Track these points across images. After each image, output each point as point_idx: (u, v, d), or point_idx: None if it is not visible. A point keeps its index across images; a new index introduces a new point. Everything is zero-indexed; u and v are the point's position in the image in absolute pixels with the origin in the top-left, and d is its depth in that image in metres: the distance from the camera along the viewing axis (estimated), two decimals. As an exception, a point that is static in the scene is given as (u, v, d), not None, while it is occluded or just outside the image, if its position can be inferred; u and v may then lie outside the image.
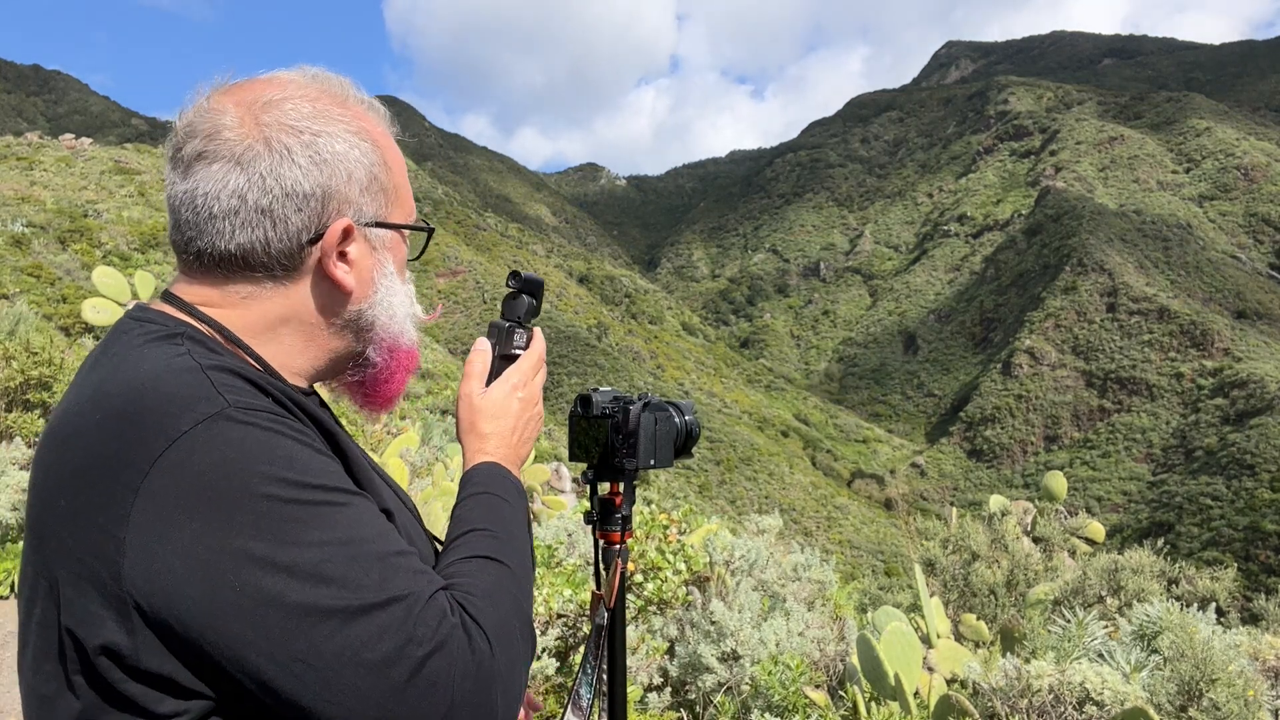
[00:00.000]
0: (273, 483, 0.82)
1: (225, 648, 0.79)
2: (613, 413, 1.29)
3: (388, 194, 1.06)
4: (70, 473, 0.85)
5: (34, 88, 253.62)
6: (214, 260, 0.98)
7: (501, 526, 1.05)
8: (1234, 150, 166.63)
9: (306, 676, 0.78)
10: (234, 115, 0.97)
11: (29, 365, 8.19)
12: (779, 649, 4.16)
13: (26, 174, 41.40)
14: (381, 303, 1.07)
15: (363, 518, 0.87)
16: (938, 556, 6.62)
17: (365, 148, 1.03)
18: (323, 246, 1.00)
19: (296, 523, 0.81)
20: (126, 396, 0.86)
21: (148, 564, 0.79)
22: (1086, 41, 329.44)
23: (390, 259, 1.08)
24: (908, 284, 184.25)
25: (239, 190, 0.96)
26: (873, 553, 68.90)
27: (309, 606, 0.78)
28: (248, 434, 0.84)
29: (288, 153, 0.97)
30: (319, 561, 0.80)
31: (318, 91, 1.04)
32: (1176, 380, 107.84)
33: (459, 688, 0.82)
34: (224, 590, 0.78)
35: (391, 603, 0.81)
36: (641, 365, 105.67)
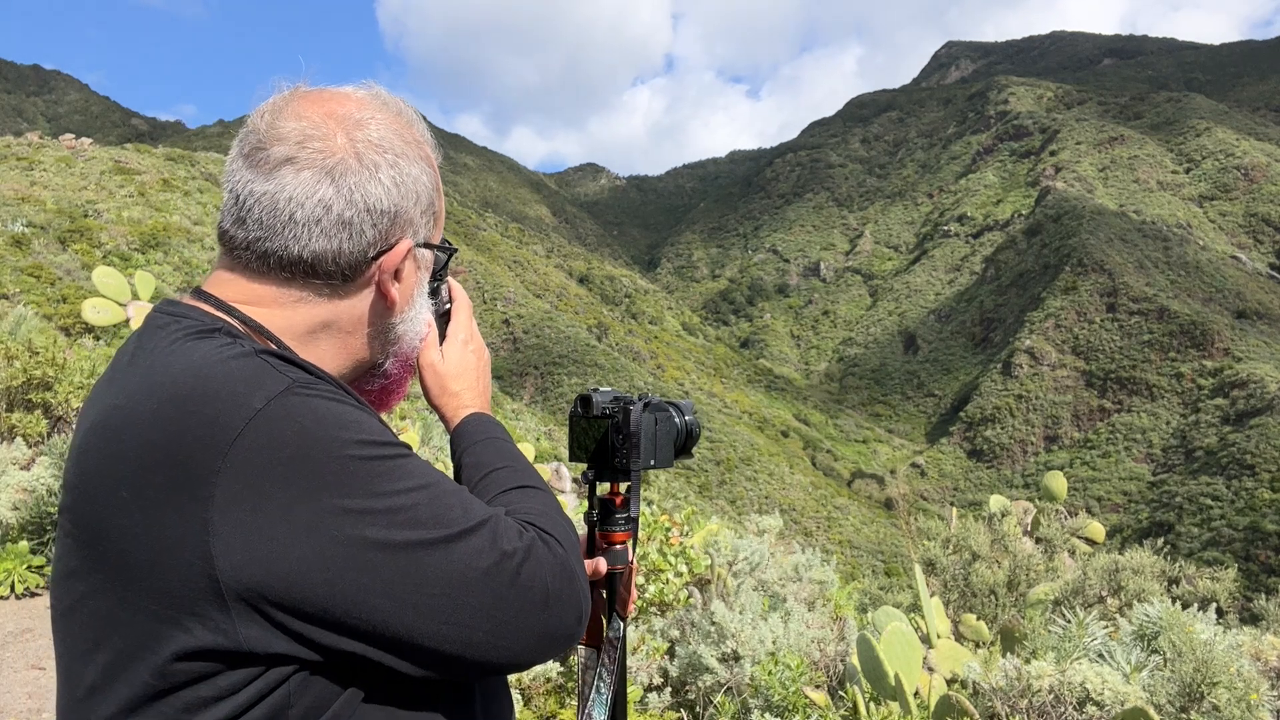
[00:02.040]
0: (351, 445, 0.87)
1: (342, 600, 0.83)
2: (613, 413, 1.30)
3: (436, 218, 1.13)
4: (131, 463, 0.85)
5: (34, 88, 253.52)
6: (280, 263, 1.01)
7: (515, 461, 1.16)
8: (1234, 150, 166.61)
9: (425, 606, 0.85)
10: (325, 127, 1.01)
11: (31, 365, 8.19)
12: (779, 649, 4.17)
13: (26, 174, 41.39)
14: (413, 318, 1.13)
15: (426, 466, 0.94)
16: (938, 556, 6.62)
17: (430, 174, 1.09)
18: (383, 263, 1.04)
19: (381, 476, 0.87)
20: (186, 383, 0.87)
21: (244, 539, 0.81)
22: (1086, 41, 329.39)
23: (424, 277, 1.14)
24: (908, 284, 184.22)
25: (325, 200, 0.99)
26: (873, 553, 68.89)
27: (413, 544, 0.85)
28: (318, 404, 0.88)
29: (375, 170, 1.01)
30: (410, 505, 0.87)
31: (392, 115, 1.08)
32: (1176, 380, 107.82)
33: (552, 585, 0.93)
34: (331, 546, 0.82)
35: (479, 526, 0.91)
36: (641, 365, 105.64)
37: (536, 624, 0.91)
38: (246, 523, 0.81)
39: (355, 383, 1.14)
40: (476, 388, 1.28)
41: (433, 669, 0.88)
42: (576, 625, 0.96)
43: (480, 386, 1.29)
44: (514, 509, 1.03)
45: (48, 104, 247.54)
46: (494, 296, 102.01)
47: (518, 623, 0.89)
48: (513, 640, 0.89)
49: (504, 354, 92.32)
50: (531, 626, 0.90)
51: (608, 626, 1.30)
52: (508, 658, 0.90)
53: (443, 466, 7.83)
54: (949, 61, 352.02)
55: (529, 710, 3.96)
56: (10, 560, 5.80)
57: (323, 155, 0.99)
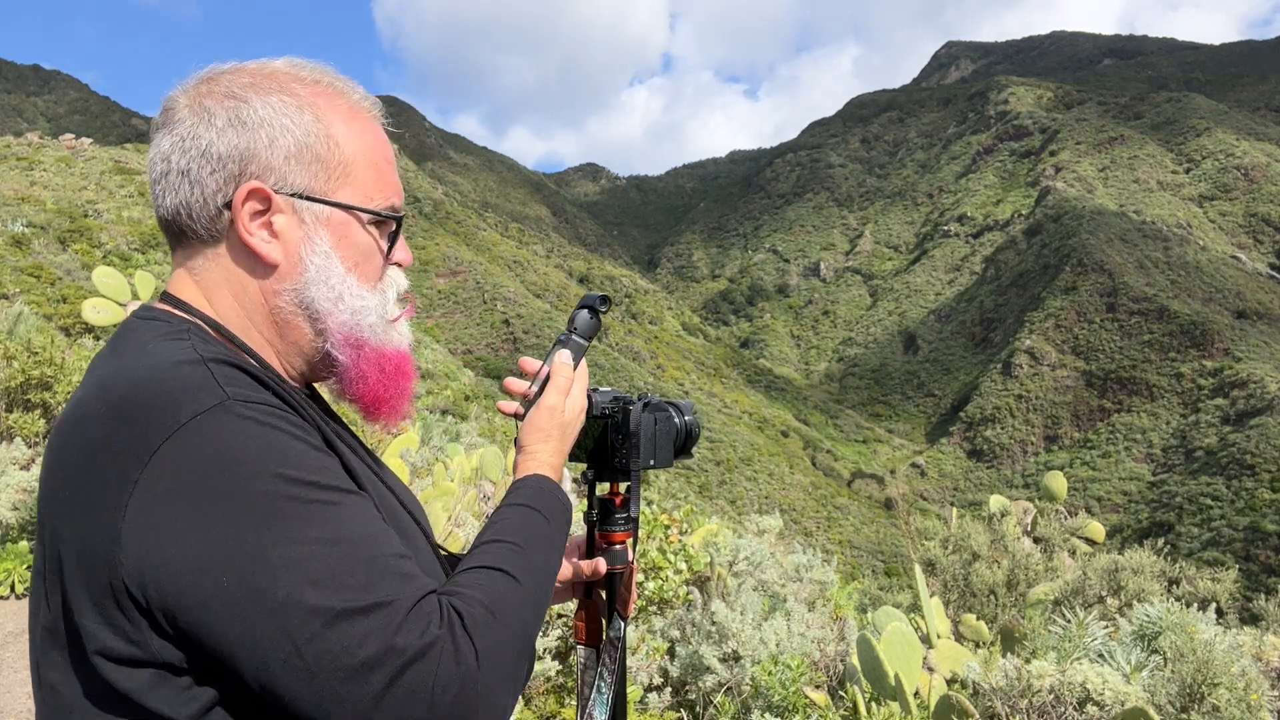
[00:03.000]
0: (267, 478, 0.81)
1: (215, 639, 0.79)
2: (612, 413, 1.29)
3: (328, 168, 1.01)
4: (73, 464, 0.85)
5: (34, 88, 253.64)
6: (163, 228, 1.01)
7: (529, 542, 1.02)
8: (1234, 150, 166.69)
9: (287, 675, 0.78)
10: (184, 90, 1.00)
11: (30, 365, 8.19)
12: (779, 649, 4.17)
13: (26, 174, 41.41)
14: (317, 284, 1.01)
15: (356, 517, 0.86)
16: (938, 556, 6.62)
17: (300, 117, 1.00)
18: (234, 208, 0.97)
19: (288, 519, 0.81)
20: (129, 388, 0.86)
21: (143, 554, 0.80)
22: (1086, 41, 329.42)
23: (327, 237, 1.02)
24: (908, 284, 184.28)
25: (165, 153, 0.98)
26: (873, 553, 68.92)
27: (294, 605, 0.78)
28: (246, 427, 0.84)
29: (208, 115, 0.97)
30: (307, 559, 0.79)
31: (267, 70, 1.03)
32: (1176, 380, 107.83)
33: (439, 700, 0.80)
34: (213, 584, 0.79)
35: (375, 608, 0.80)
36: (641, 365, 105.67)
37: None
38: (148, 540, 0.80)
39: (324, 376, 1.09)
40: (562, 450, 1.20)
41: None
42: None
43: (567, 445, 1.21)
44: (461, 593, 0.89)
45: (48, 104, 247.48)
46: (494, 296, 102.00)
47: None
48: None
49: (504, 354, 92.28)
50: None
51: (608, 626, 1.29)
52: None
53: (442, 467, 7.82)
54: (949, 61, 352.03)
55: (529, 710, 3.96)
56: (10, 560, 5.80)
57: (168, 114, 0.99)
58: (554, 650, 4.19)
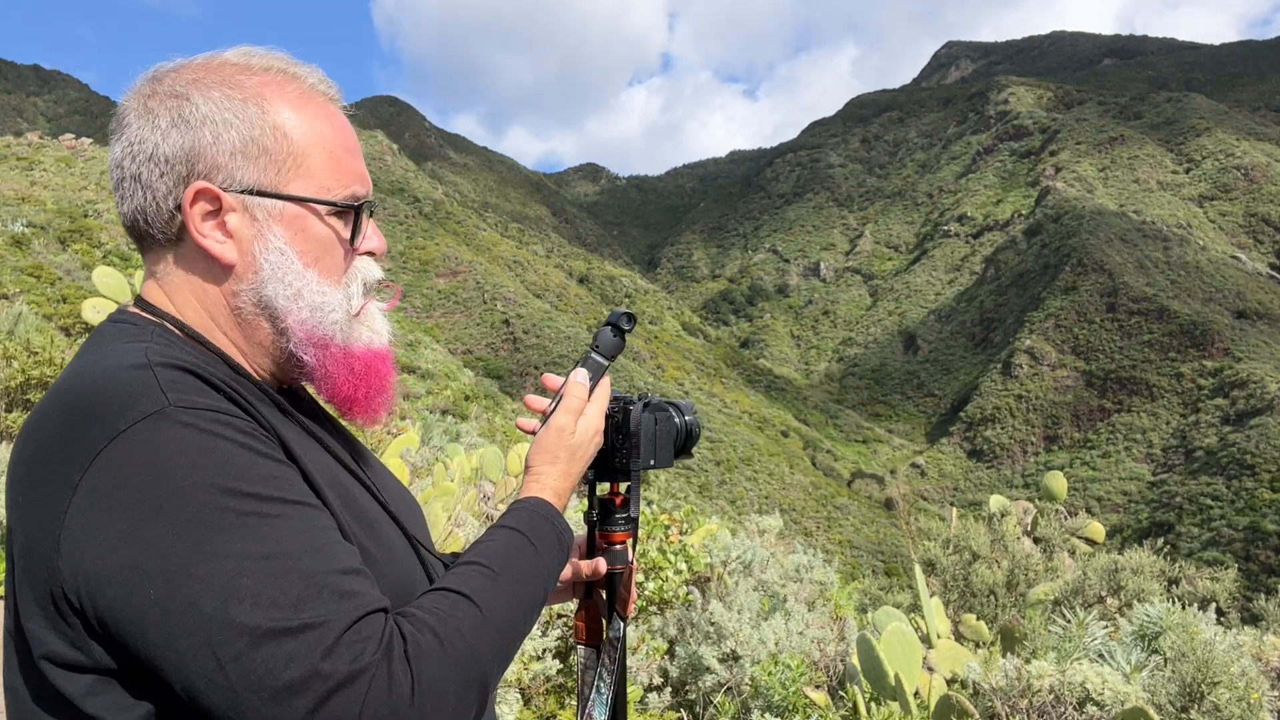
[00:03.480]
0: (203, 488, 0.80)
1: (143, 650, 0.79)
2: (613, 413, 1.28)
3: (278, 161, 0.98)
4: (27, 466, 0.86)
5: (34, 88, 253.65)
6: (128, 233, 1.00)
7: (506, 570, 0.97)
8: (1234, 150, 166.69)
9: (211, 692, 0.77)
10: (132, 92, 0.99)
11: (29, 365, 8.19)
12: (779, 649, 4.16)
13: (26, 174, 41.42)
14: (273, 282, 0.98)
15: (298, 531, 0.83)
16: (938, 557, 6.62)
17: (245, 110, 0.97)
18: (183, 211, 0.96)
19: (221, 531, 0.79)
20: (77, 393, 0.86)
21: (77, 560, 0.79)
22: (1086, 41, 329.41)
23: (281, 233, 0.99)
24: (908, 284, 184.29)
25: (117, 159, 0.97)
26: (873, 553, 68.92)
27: (220, 621, 0.76)
28: (184, 435, 0.82)
29: (152, 117, 0.96)
30: (235, 574, 0.78)
31: (216, 64, 1.00)
32: (1176, 380, 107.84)
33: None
34: (142, 594, 0.78)
35: (305, 629, 0.77)
36: (641, 365, 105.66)
37: None
38: (82, 547, 0.79)
39: (293, 378, 1.07)
40: (575, 468, 1.17)
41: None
42: None
43: (578, 469, 1.18)
44: (416, 617, 0.86)
45: (48, 104, 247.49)
46: (494, 296, 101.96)
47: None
48: None
49: (504, 354, 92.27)
50: None
51: (608, 627, 1.29)
52: None
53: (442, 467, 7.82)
54: (949, 61, 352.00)
55: (529, 710, 3.96)
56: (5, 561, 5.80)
57: (119, 119, 0.98)
58: (554, 650, 4.19)
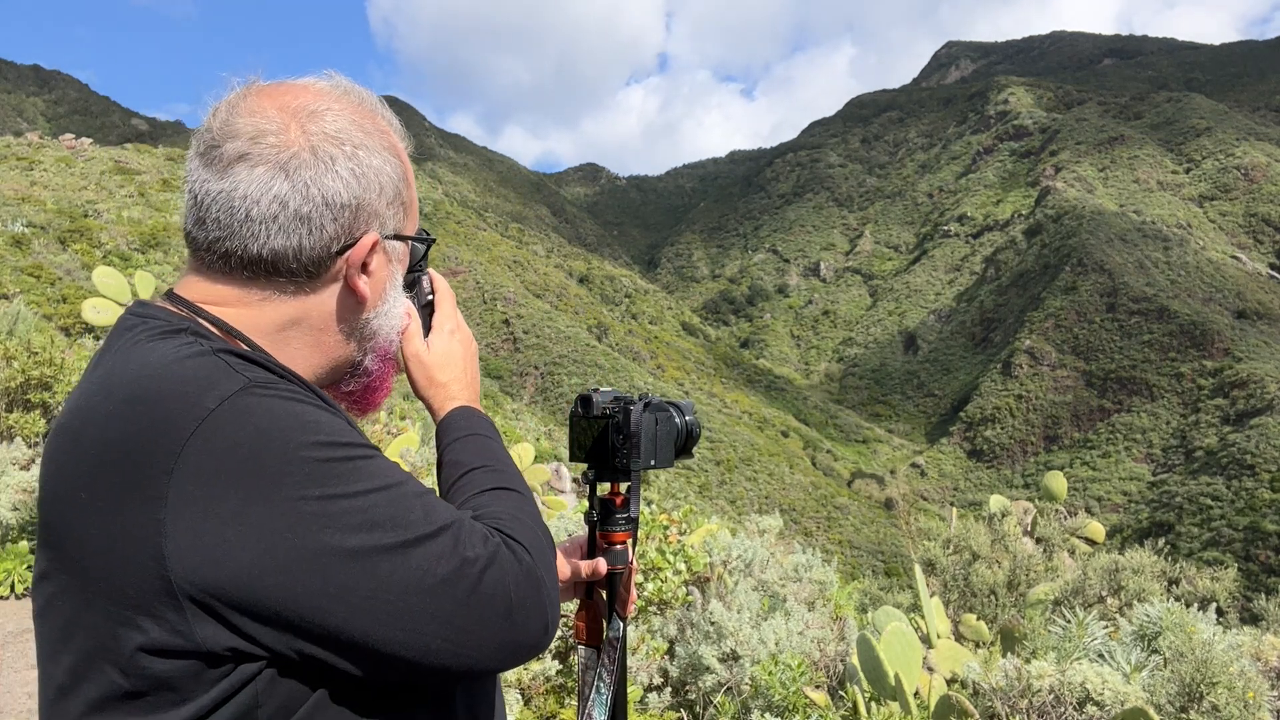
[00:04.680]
0: (307, 446, 0.85)
1: (295, 603, 0.82)
2: (613, 413, 1.30)
3: (407, 208, 1.10)
4: (88, 464, 0.85)
5: (34, 88, 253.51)
6: (241, 263, 0.99)
7: (495, 460, 1.13)
8: (1234, 150, 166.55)
9: (379, 612, 0.82)
10: (279, 121, 0.99)
11: (30, 365, 8.18)
12: (779, 649, 4.16)
13: (26, 174, 41.38)
14: (387, 313, 1.11)
15: (390, 466, 0.92)
16: (938, 556, 6.62)
17: (395, 163, 1.07)
18: (350, 257, 1.02)
19: (338, 478, 0.85)
20: (141, 383, 0.87)
21: (196, 540, 0.81)
22: (1086, 41, 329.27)
23: (397, 270, 1.12)
24: (908, 284, 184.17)
25: (281, 196, 0.97)
26: (873, 553, 68.89)
27: (369, 548, 0.83)
28: (275, 404, 0.87)
29: (331, 163, 0.99)
30: (367, 508, 0.85)
31: (352, 105, 1.06)
32: (1176, 380, 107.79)
33: (515, 593, 0.90)
34: (284, 548, 0.81)
35: (441, 531, 0.88)
36: (641, 365, 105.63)
37: (498, 633, 0.89)
38: (199, 524, 0.81)
39: (337, 383, 1.13)
40: (464, 378, 1.26)
41: (390, 675, 0.87)
42: (542, 635, 0.93)
43: (468, 377, 1.27)
44: (483, 512, 1.01)
45: (48, 104, 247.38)
46: (494, 296, 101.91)
47: (478, 631, 0.87)
48: (473, 649, 0.87)
49: (504, 354, 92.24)
50: (493, 636, 0.88)
51: (608, 626, 1.29)
52: (467, 665, 0.88)
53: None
54: (949, 61, 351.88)
55: (529, 710, 3.96)
56: (10, 560, 5.80)
57: (276, 150, 0.97)
58: (554, 650, 4.19)
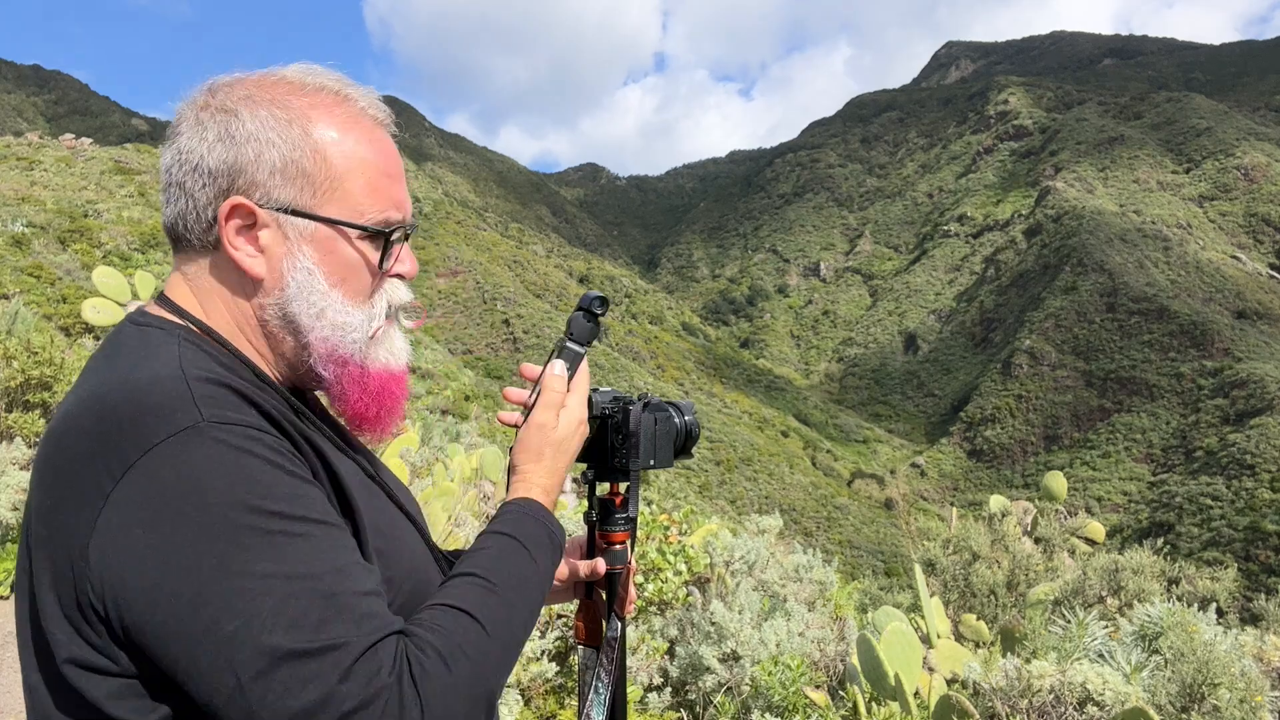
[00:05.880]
0: (233, 505, 0.81)
1: (165, 662, 0.80)
2: (612, 413, 1.28)
3: (314, 183, 1.00)
4: (56, 474, 0.86)
5: (34, 87, 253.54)
6: (166, 234, 1.05)
7: (504, 578, 0.98)
8: (1234, 150, 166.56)
9: (229, 709, 0.78)
10: (190, 101, 1.02)
11: (29, 365, 8.19)
12: (779, 649, 4.16)
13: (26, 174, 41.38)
14: (298, 300, 1.01)
15: (323, 551, 0.84)
16: (938, 557, 6.62)
17: (288, 131, 0.99)
18: (221, 225, 0.99)
19: (248, 549, 0.80)
20: (113, 402, 0.87)
21: (105, 570, 0.81)
22: (1086, 41, 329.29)
23: (310, 253, 1.01)
24: (908, 284, 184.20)
25: (167, 166, 1.01)
26: (873, 553, 68.93)
27: (243, 640, 0.77)
28: (216, 451, 0.83)
29: (200, 128, 0.99)
30: (262, 593, 0.79)
31: (272, 81, 1.03)
32: (1176, 380, 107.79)
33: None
34: (166, 608, 0.79)
35: (325, 650, 0.78)
36: (641, 365, 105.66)
37: None
38: (110, 557, 0.81)
39: (311, 387, 1.10)
40: (559, 463, 1.17)
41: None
42: None
43: (563, 464, 1.18)
44: (419, 636, 0.86)
45: (48, 104, 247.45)
46: (494, 296, 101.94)
47: None
48: None
49: (504, 354, 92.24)
50: None
51: (606, 627, 1.29)
52: None
53: (442, 467, 7.81)
54: (949, 61, 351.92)
55: (529, 710, 3.96)
56: (10, 560, 5.80)
57: (174, 126, 1.01)
58: (553, 651, 4.19)
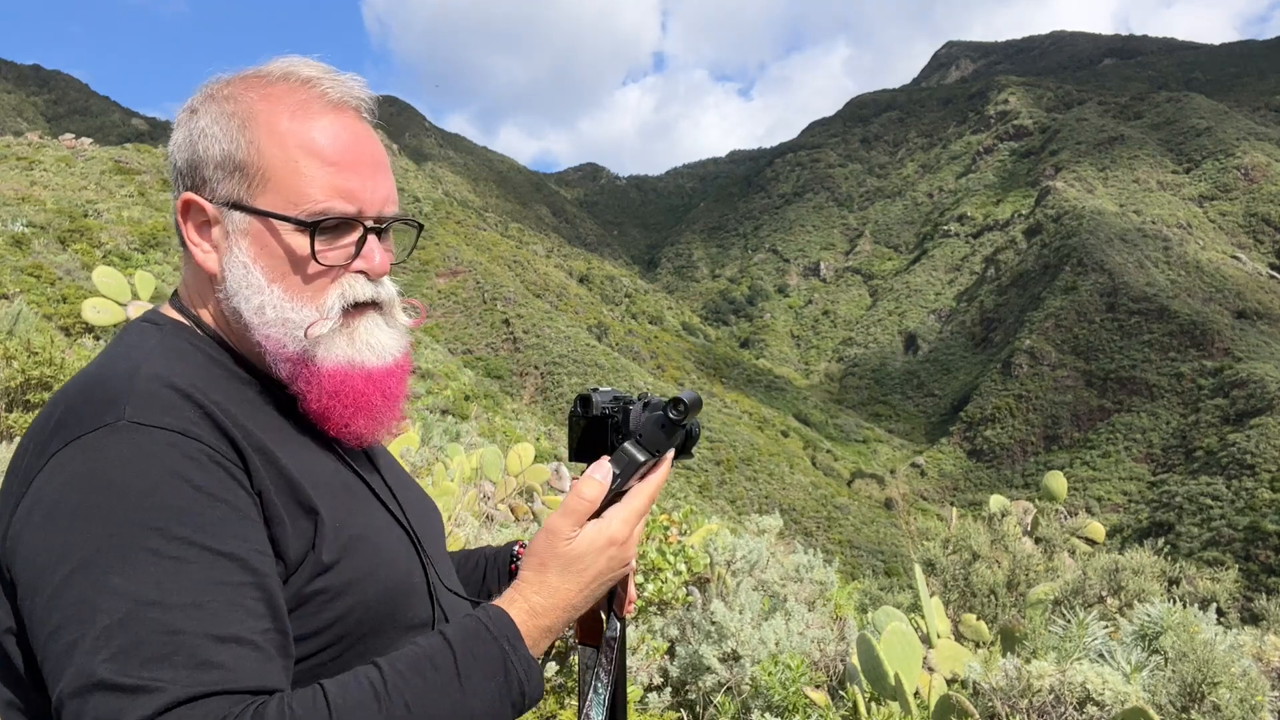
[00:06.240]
0: (114, 511, 0.79)
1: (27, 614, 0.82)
2: (613, 413, 1.26)
3: (248, 176, 0.97)
4: (14, 457, 0.90)
5: (34, 88, 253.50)
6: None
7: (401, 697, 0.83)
8: (1234, 150, 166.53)
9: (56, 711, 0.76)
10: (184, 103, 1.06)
11: (30, 365, 8.18)
12: (779, 649, 4.16)
13: (26, 174, 41.36)
14: (238, 295, 0.98)
15: (186, 580, 0.78)
16: (938, 556, 6.62)
17: (228, 125, 0.98)
18: (178, 219, 1.01)
19: (110, 560, 0.78)
20: (69, 394, 0.89)
21: (13, 552, 0.83)
22: (1086, 41, 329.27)
23: (246, 248, 0.98)
24: (908, 284, 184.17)
25: (166, 167, 1.07)
26: (873, 553, 68.91)
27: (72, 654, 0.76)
28: (124, 453, 0.82)
29: (177, 129, 1.02)
30: (103, 610, 0.76)
31: (253, 75, 1.03)
32: (1176, 380, 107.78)
33: None
34: (35, 599, 0.80)
35: (137, 690, 0.73)
36: (641, 365, 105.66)
37: None
38: (17, 531, 0.83)
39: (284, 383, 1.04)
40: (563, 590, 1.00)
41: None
42: None
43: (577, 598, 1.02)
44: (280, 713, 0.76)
45: (48, 104, 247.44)
46: (494, 296, 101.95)
47: None
48: None
49: (504, 354, 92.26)
50: None
51: (606, 626, 1.28)
52: None
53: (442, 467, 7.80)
54: (949, 61, 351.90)
55: (528, 710, 3.95)
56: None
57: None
58: (554, 650, 4.18)
